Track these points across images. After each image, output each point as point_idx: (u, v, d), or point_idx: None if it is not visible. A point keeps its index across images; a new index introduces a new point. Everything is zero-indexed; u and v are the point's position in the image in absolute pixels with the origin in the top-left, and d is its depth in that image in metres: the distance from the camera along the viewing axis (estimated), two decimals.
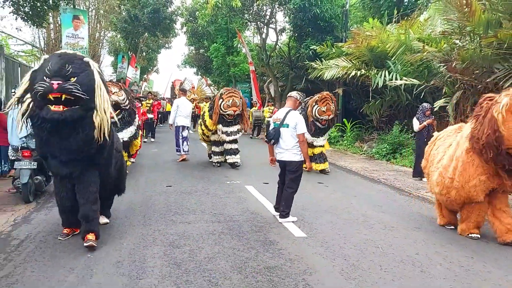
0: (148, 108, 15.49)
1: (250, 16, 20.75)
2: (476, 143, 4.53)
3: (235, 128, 9.49)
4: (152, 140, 15.27)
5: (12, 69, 17.08)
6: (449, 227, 5.26)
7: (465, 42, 9.61)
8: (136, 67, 30.46)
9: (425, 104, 8.98)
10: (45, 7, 14.60)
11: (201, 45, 31.52)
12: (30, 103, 4.09)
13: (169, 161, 10.45)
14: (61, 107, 3.89)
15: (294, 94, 5.76)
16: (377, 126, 14.44)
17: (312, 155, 8.97)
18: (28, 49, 30.51)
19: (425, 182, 8.27)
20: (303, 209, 5.91)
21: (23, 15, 13.89)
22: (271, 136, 5.46)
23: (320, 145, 9.27)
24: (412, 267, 3.90)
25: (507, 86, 8.28)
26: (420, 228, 5.23)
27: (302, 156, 5.36)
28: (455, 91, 10.10)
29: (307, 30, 18.25)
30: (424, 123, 8.45)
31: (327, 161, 9.51)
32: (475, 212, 4.77)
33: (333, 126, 9.85)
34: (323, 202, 6.36)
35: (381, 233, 4.96)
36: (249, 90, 24.81)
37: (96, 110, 4.02)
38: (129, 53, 28.79)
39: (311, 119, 8.92)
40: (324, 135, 9.42)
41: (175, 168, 9.50)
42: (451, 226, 5.26)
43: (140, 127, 9.92)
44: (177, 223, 5.19)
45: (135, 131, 8.45)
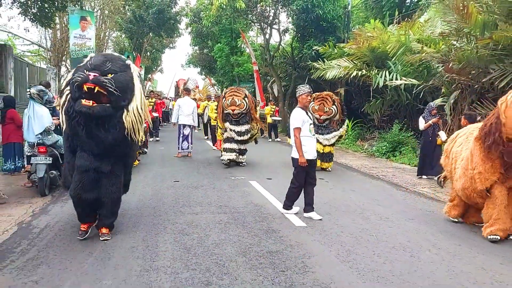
0: (152, 107, 15.76)
1: (254, 17, 21.02)
2: (481, 130, 4.74)
3: (243, 128, 9.46)
4: (157, 139, 15.31)
5: (21, 69, 17.48)
6: (456, 220, 5.37)
7: (463, 43, 9.89)
8: (141, 67, 30.74)
9: (431, 103, 9.05)
10: (53, 9, 14.89)
11: (205, 45, 31.67)
12: (68, 95, 4.23)
13: (176, 159, 10.82)
14: (91, 102, 4.00)
15: (297, 91, 5.65)
16: (379, 125, 14.72)
17: (322, 153, 8.99)
18: (35, 49, 30.99)
19: (425, 179, 8.55)
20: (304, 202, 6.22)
21: (31, 16, 14.21)
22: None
23: (328, 144, 9.19)
24: (403, 253, 4.23)
25: (502, 86, 8.64)
26: (414, 220, 5.55)
27: (307, 155, 5.36)
28: (453, 91, 10.40)
29: (310, 31, 18.50)
30: (430, 122, 8.51)
31: (332, 161, 9.60)
32: (496, 209, 4.65)
33: (340, 128, 9.47)
34: (323, 196, 6.67)
35: (376, 224, 5.28)
36: (253, 90, 25.09)
37: (127, 111, 4.15)
38: (134, 53, 29.05)
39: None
40: (329, 134, 9.24)
41: (182, 165, 9.85)
42: (459, 219, 5.37)
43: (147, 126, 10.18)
44: (185, 214, 5.54)
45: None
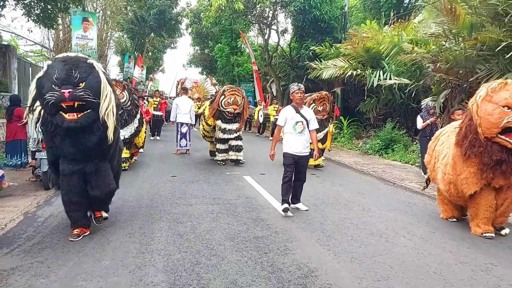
0: (156, 106, 15.97)
1: (253, 18, 21.39)
2: (458, 135, 4.68)
3: (234, 127, 9.49)
4: (158, 139, 15.21)
5: (24, 69, 17.87)
6: (452, 220, 5.38)
7: (451, 44, 10.22)
8: (142, 67, 31.07)
9: (429, 103, 9.08)
10: (56, 10, 15.25)
11: (206, 45, 32.07)
12: (41, 111, 4.10)
13: (174, 155, 11.18)
14: (75, 115, 3.96)
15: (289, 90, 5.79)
16: (374, 124, 15.06)
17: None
18: (37, 49, 31.42)
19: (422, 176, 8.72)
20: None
21: (35, 17, 14.55)
22: None
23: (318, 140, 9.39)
24: (379, 238, 4.58)
25: None
26: (395, 210, 5.89)
27: (286, 148, 5.57)
28: (442, 90, 10.74)
29: (308, 31, 18.86)
30: (427, 121, 8.57)
31: (322, 155, 9.84)
32: (482, 208, 4.62)
33: (330, 124, 9.90)
34: (312, 189, 7.01)
35: (359, 214, 5.63)
36: (253, 89, 25.45)
37: (102, 111, 4.12)
38: (136, 53, 29.45)
39: None
40: (323, 132, 9.41)
41: (180, 161, 10.21)
42: (454, 219, 5.37)
43: (145, 123, 10.46)
44: (181, 205, 5.90)
45: (135, 130, 8.57)
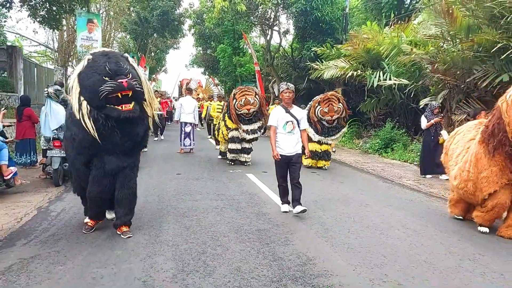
0: None
1: (255, 19, 21.65)
2: (484, 133, 4.69)
3: (256, 126, 9.38)
4: (162, 138, 15.29)
5: (29, 70, 18.19)
6: (458, 217, 5.42)
7: (449, 46, 10.46)
8: (145, 67, 31.39)
9: (434, 103, 9.08)
10: (61, 11, 15.55)
11: (209, 46, 32.34)
12: (87, 105, 4.00)
13: (179, 154, 11.46)
14: (130, 105, 4.03)
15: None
16: (375, 123, 15.30)
17: (320, 152, 9.34)
18: (41, 50, 31.81)
19: (429, 178, 8.57)
20: None
21: (40, 19, 14.84)
22: None
23: (327, 143, 9.41)
24: (374, 231, 4.84)
25: (485, 86, 9.20)
26: (391, 206, 6.15)
27: (276, 149, 5.53)
28: (440, 90, 10.99)
29: (309, 32, 19.08)
30: (432, 121, 8.55)
31: (330, 159, 9.72)
32: (498, 205, 4.63)
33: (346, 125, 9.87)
34: (312, 186, 7.27)
35: (356, 209, 5.90)
36: None
37: (145, 100, 4.26)
38: (139, 54, 29.76)
39: (315, 119, 9.18)
40: (336, 135, 9.46)
41: (184, 160, 10.49)
42: (460, 217, 5.40)
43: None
44: (186, 201, 6.18)
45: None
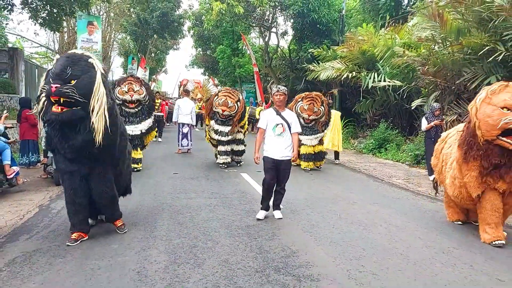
0: (157, 107, 16.48)
1: (253, 21, 21.92)
2: (460, 138, 4.67)
3: (226, 129, 9.26)
4: (160, 140, 15.31)
5: (30, 71, 18.47)
6: (457, 223, 5.34)
7: (440, 48, 10.72)
8: (145, 68, 31.66)
9: (435, 104, 9.03)
10: (62, 14, 15.82)
11: (208, 47, 32.59)
12: (45, 102, 4.23)
13: (176, 155, 11.74)
14: (59, 109, 4.00)
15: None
16: (371, 124, 15.55)
17: (313, 154, 9.36)
18: (42, 51, 32.09)
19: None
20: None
21: (41, 21, 15.10)
22: None
23: (311, 144, 9.33)
24: (358, 227, 5.10)
25: (474, 87, 9.45)
26: (378, 204, 6.41)
27: (265, 152, 5.48)
28: (432, 92, 11.25)
29: (307, 34, 19.34)
30: (432, 124, 8.50)
31: (324, 159, 9.89)
32: (488, 212, 4.51)
33: (325, 130, 9.71)
34: (302, 186, 7.54)
35: (344, 206, 6.15)
36: (254, 90, 25.97)
37: (91, 113, 4.03)
38: (139, 55, 30.04)
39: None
40: (314, 135, 9.39)
41: (181, 160, 10.76)
42: (459, 222, 5.33)
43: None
44: (181, 199, 6.45)
45: (153, 123, 8.87)
